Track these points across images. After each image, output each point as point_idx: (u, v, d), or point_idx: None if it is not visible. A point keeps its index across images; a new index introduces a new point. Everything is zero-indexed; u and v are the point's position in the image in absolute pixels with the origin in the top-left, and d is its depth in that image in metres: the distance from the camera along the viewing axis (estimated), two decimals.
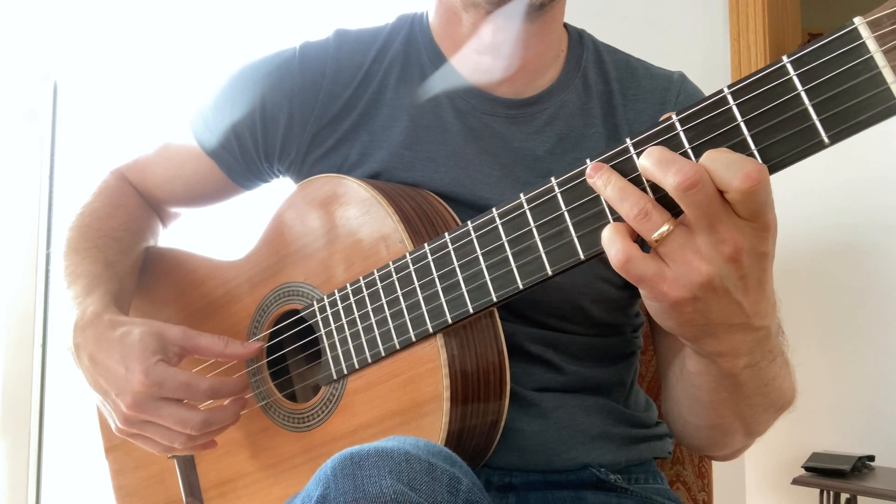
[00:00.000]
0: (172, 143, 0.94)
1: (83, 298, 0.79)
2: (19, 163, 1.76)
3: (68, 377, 1.78)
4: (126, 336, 0.74)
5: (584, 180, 0.57)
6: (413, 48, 0.86)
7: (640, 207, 0.53)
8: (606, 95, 0.85)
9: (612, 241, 0.55)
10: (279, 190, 0.89)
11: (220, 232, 1.24)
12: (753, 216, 0.51)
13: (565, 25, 0.88)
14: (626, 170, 0.56)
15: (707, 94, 0.53)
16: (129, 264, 0.90)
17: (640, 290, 0.57)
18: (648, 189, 0.55)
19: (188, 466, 0.88)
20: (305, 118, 0.85)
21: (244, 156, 0.89)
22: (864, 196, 1.90)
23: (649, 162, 0.52)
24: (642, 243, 0.56)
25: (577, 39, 0.88)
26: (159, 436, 0.75)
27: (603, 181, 0.55)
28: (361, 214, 0.75)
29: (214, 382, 0.75)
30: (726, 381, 0.65)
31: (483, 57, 0.82)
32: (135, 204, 0.96)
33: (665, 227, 0.53)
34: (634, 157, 0.55)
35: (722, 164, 0.50)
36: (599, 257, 0.58)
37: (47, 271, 1.78)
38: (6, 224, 1.74)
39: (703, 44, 2.19)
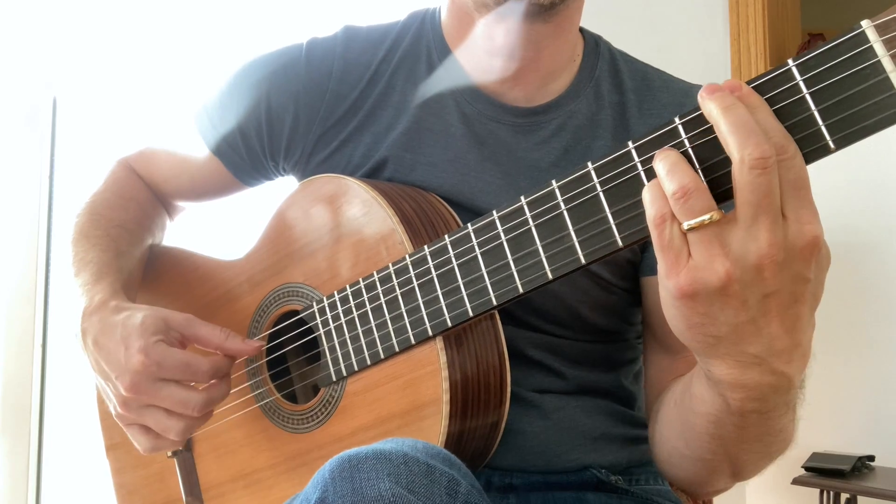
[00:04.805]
0: (178, 139, 0.93)
1: (92, 286, 0.79)
2: (19, 165, 1.76)
3: (68, 377, 1.78)
4: (129, 318, 0.73)
5: (586, 183, 0.56)
6: (423, 47, 0.85)
7: (682, 185, 0.48)
8: (620, 107, 0.82)
9: (653, 200, 0.50)
10: (281, 187, 0.88)
11: (220, 230, 1.24)
12: (800, 216, 0.47)
13: (581, 31, 0.86)
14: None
15: None
16: (137, 257, 0.90)
17: (659, 268, 0.52)
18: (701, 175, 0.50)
19: (188, 465, 0.87)
20: (311, 120, 0.84)
21: (250, 154, 0.88)
22: (864, 197, 1.90)
23: (730, 119, 0.47)
24: None
25: (593, 46, 0.85)
26: (156, 422, 0.73)
27: (662, 156, 0.51)
28: (362, 215, 0.74)
29: (216, 361, 0.74)
30: (730, 418, 0.60)
31: (494, 59, 0.80)
32: (146, 198, 0.96)
33: (706, 217, 0.48)
34: (637, 163, 0.54)
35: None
36: (601, 262, 0.57)
37: (47, 272, 1.78)
38: (6, 225, 1.74)
39: (703, 44, 2.19)
